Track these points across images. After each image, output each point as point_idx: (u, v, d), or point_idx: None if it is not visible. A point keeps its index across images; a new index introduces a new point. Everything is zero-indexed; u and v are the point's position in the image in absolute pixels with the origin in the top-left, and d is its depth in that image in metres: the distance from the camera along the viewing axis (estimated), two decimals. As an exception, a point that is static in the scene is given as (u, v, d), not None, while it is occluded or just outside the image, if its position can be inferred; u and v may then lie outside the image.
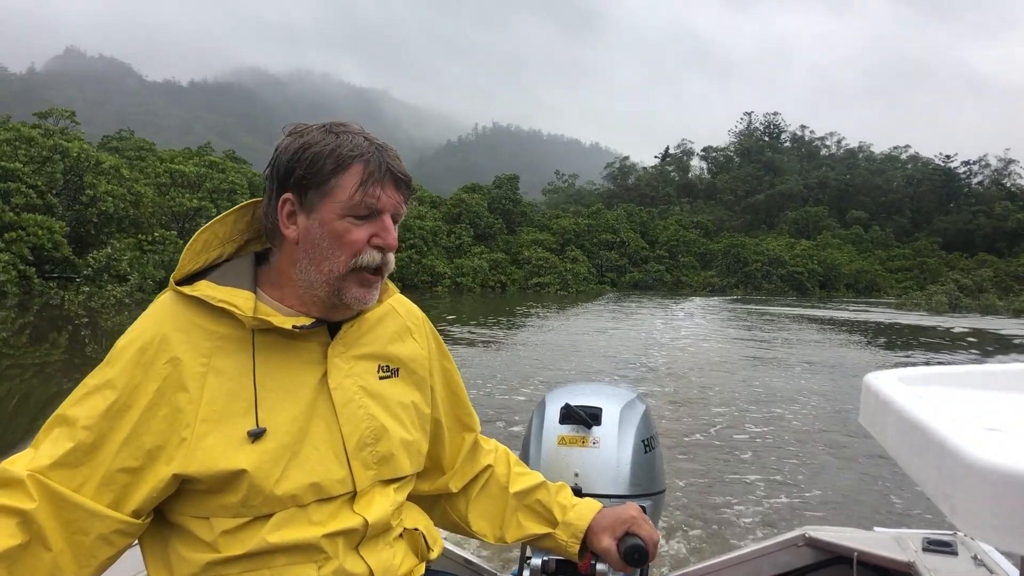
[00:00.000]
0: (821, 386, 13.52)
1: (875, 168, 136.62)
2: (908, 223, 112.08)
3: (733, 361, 16.61)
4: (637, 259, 68.72)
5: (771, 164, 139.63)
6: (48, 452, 1.21)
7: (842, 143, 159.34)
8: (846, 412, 10.58)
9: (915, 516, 5.82)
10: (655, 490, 2.10)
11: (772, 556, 2.21)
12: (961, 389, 1.28)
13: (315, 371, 1.37)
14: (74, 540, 1.20)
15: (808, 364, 16.64)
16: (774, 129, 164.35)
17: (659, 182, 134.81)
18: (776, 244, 78.03)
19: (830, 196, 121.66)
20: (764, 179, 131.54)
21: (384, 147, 1.37)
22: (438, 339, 1.67)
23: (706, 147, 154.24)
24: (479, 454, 1.72)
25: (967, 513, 0.77)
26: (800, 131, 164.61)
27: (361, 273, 1.36)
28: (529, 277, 55.92)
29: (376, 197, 1.33)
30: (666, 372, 14.40)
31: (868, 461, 7.50)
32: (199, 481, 1.25)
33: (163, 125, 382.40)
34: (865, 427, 1.28)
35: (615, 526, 1.60)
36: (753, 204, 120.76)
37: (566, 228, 66.26)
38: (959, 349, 22.26)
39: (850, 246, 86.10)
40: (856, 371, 15.50)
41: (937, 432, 0.87)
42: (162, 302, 1.36)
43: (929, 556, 2.03)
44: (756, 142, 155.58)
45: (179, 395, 1.27)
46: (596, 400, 2.11)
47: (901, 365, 17.30)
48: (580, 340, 20.71)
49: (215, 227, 1.40)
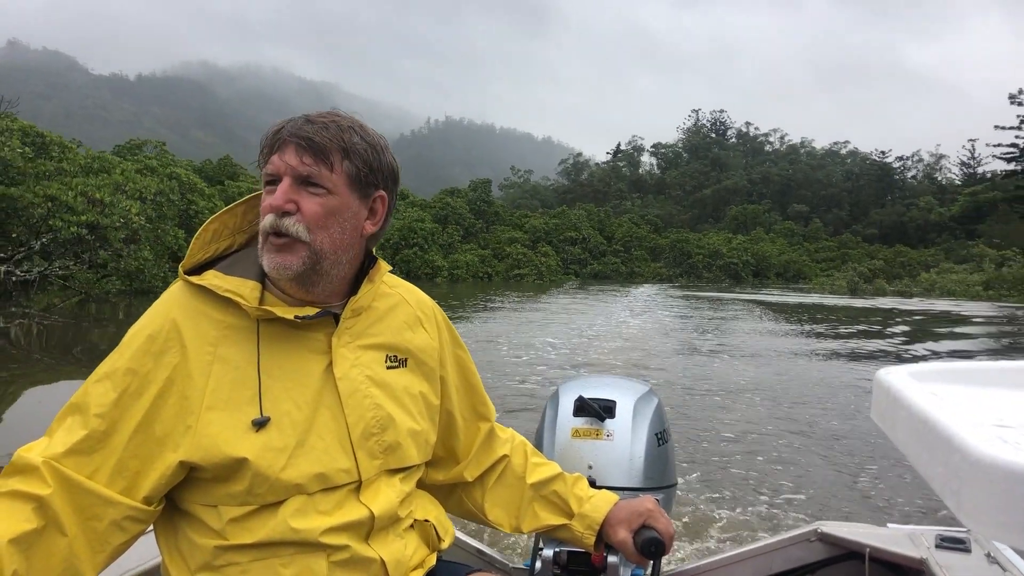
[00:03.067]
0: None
1: (816, 163, 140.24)
2: (847, 216, 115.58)
3: (671, 345, 18.39)
4: (596, 253, 74.56)
5: (718, 160, 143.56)
6: (62, 440, 1.22)
7: (785, 139, 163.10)
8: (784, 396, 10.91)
9: (929, 513, 5.74)
10: (668, 483, 2.11)
11: (784, 551, 2.17)
12: (972, 386, 1.25)
13: (320, 361, 1.37)
14: (88, 526, 1.20)
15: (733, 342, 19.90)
16: (720, 126, 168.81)
17: (611, 178, 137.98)
18: (716, 239, 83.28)
19: (773, 191, 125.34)
20: (711, 175, 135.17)
21: (306, 119, 1.35)
22: (451, 328, 1.66)
23: (656, 144, 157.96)
24: (495, 443, 1.72)
25: (974, 509, 0.76)
26: (745, 128, 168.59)
27: (267, 239, 1.33)
28: (510, 269, 61.93)
29: (270, 162, 1.33)
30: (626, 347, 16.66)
31: (882, 456, 7.41)
32: (205, 469, 1.26)
33: (111, 119, 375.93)
34: (876, 422, 1.26)
35: (632, 519, 1.61)
36: (700, 199, 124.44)
37: (536, 227, 72.81)
38: (843, 319, 27.46)
39: (782, 239, 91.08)
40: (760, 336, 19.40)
41: (945, 428, 0.87)
42: (172, 291, 1.38)
43: (942, 553, 1.97)
44: (703, 139, 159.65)
45: (186, 383, 1.27)
46: (610, 393, 2.11)
47: (796, 331, 21.80)
48: (555, 315, 25.14)
49: (224, 218, 1.41)
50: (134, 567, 1.69)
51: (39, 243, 16.09)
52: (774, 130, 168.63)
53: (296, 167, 1.32)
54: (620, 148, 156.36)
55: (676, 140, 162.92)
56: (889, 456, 7.33)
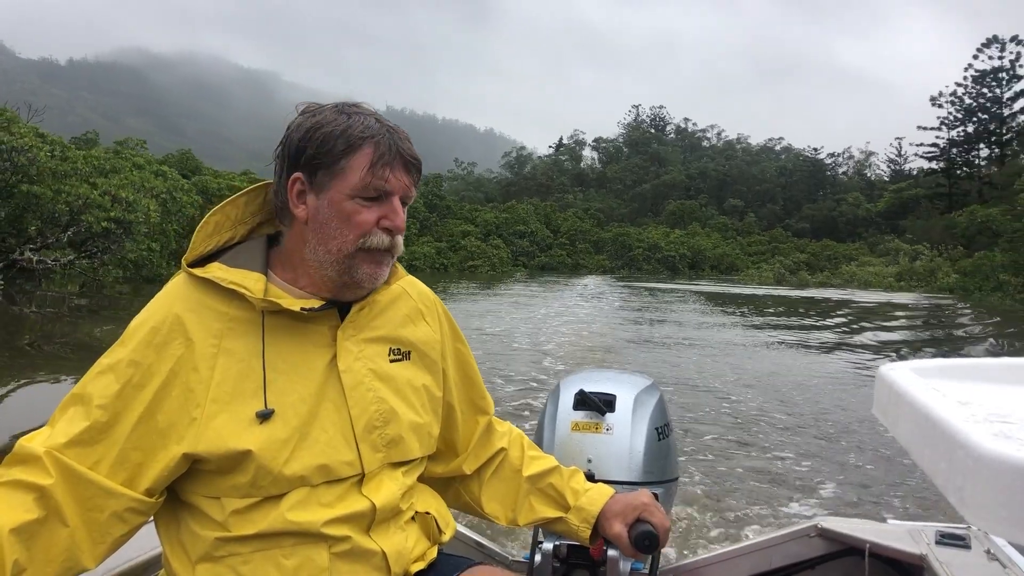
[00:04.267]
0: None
1: (751, 159, 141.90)
2: (780, 210, 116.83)
3: (616, 331, 20.37)
4: (543, 246, 78.15)
5: (657, 155, 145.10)
6: (64, 430, 1.21)
7: (722, 135, 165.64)
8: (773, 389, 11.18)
9: (929, 509, 5.74)
10: (668, 477, 2.09)
11: (783, 546, 2.15)
12: (975, 382, 1.26)
13: (325, 353, 1.37)
14: (89, 517, 1.20)
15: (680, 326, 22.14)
16: (660, 122, 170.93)
17: (554, 172, 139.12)
18: (655, 233, 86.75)
19: (710, 185, 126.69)
20: (651, 170, 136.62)
21: (395, 130, 1.36)
22: (451, 321, 1.66)
23: (597, 138, 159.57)
24: (493, 437, 1.72)
25: (976, 505, 0.76)
26: (684, 124, 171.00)
27: (371, 251, 1.35)
28: (464, 261, 64.64)
29: (385, 179, 1.33)
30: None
31: (883, 452, 7.47)
32: (208, 461, 1.25)
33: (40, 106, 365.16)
34: (878, 418, 1.27)
35: (626, 512, 1.60)
36: (640, 193, 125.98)
37: (488, 221, 76.21)
38: (768, 305, 31.10)
39: (717, 234, 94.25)
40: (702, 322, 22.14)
41: (948, 424, 0.86)
42: (174, 284, 1.36)
43: (942, 549, 1.96)
44: (643, 134, 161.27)
45: (191, 375, 1.26)
46: (611, 387, 2.10)
47: (735, 321, 24.62)
48: (514, 301, 27.67)
49: (226, 209, 1.40)
50: (134, 557, 1.70)
51: (66, 235, 18.30)
52: (712, 126, 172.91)
53: (407, 189, 1.38)
54: (562, 142, 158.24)
55: (617, 135, 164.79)
56: (889, 451, 7.37)
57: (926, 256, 59.82)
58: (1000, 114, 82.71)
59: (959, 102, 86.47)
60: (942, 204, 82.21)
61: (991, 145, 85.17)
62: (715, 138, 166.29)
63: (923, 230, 69.34)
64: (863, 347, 17.90)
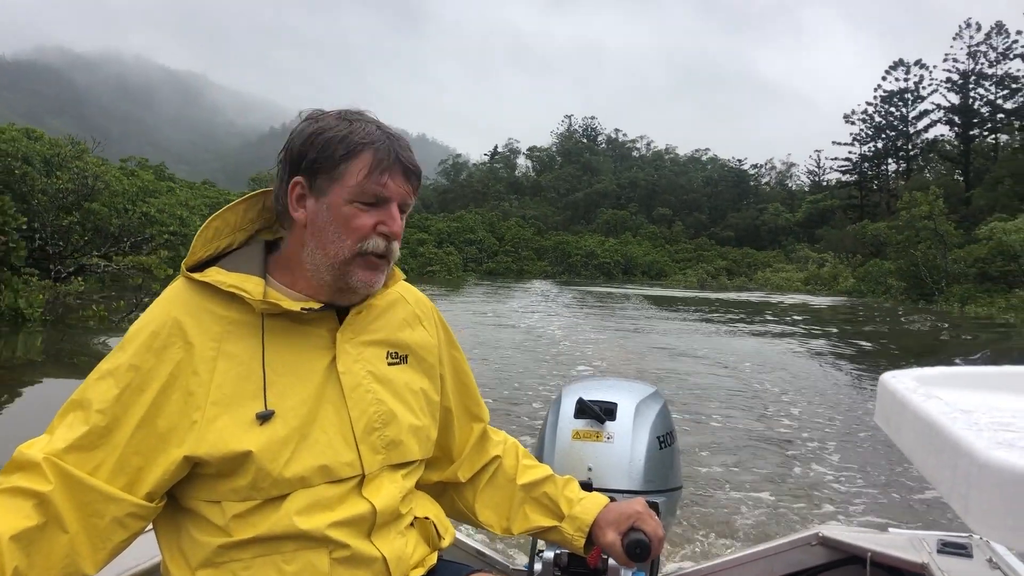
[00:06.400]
0: None
1: (679, 169, 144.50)
2: (706, 219, 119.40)
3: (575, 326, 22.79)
4: (490, 252, 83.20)
5: (589, 165, 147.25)
6: (63, 436, 1.21)
7: (651, 145, 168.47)
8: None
9: (931, 517, 5.69)
10: (670, 486, 2.07)
11: (785, 555, 2.15)
12: (978, 391, 1.26)
13: (324, 356, 1.38)
14: (89, 523, 1.19)
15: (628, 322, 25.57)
16: (591, 132, 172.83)
17: (490, 179, 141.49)
18: (591, 241, 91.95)
19: (640, 195, 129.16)
20: (583, 179, 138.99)
21: (396, 137, 1.38)
22: (447, 328, 1.67)
23: (531, 147, 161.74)
24: (487, 444, 1.72)
25: (981, 514, 0.76)
26: (614, 134, 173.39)
27: (367, 257, 1.36)
28: (423, 267, 68.73)
29: (383, 185, 1.34)
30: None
31: (884, 460, 7.46)
32: (209, 464, 1.25)
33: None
34: (880, 426, 1.27)
35: (620, 521, 1.58)
36: (573, 201, 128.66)
37: (441, 230, 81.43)
38: (690, 305, 36.02)
39: (647, 242, 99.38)
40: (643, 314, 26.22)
41: (952, 433, 0.86)
42: (174, 288, 1.37)
43: (944, 558, 1.96)
44: (576, 144, 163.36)
45: (191, 379, 1.26)
46: (612, 395, 2.09)
47: (672, 316, 28.76)
48: (483, 303, 31.82)
49: (226, 215, 1.40)
50: (132, 566, 1.69)
51: (128, 243, 22.21)
52: (641, 136, 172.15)
53: (406, 196, 1.40)
54: (497, 150, 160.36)
55: (550, 144, 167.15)
56: (890, 459, 7.30)
57: (830, 263, 67.14)
58: (907, 131, 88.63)
59: (870, 120, 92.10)
60: (855, 215, 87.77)
61: (898, 160, 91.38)
62: (644, 148, 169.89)
63: (837, 239, 74.84)
64: (791, 336, 20.46)
